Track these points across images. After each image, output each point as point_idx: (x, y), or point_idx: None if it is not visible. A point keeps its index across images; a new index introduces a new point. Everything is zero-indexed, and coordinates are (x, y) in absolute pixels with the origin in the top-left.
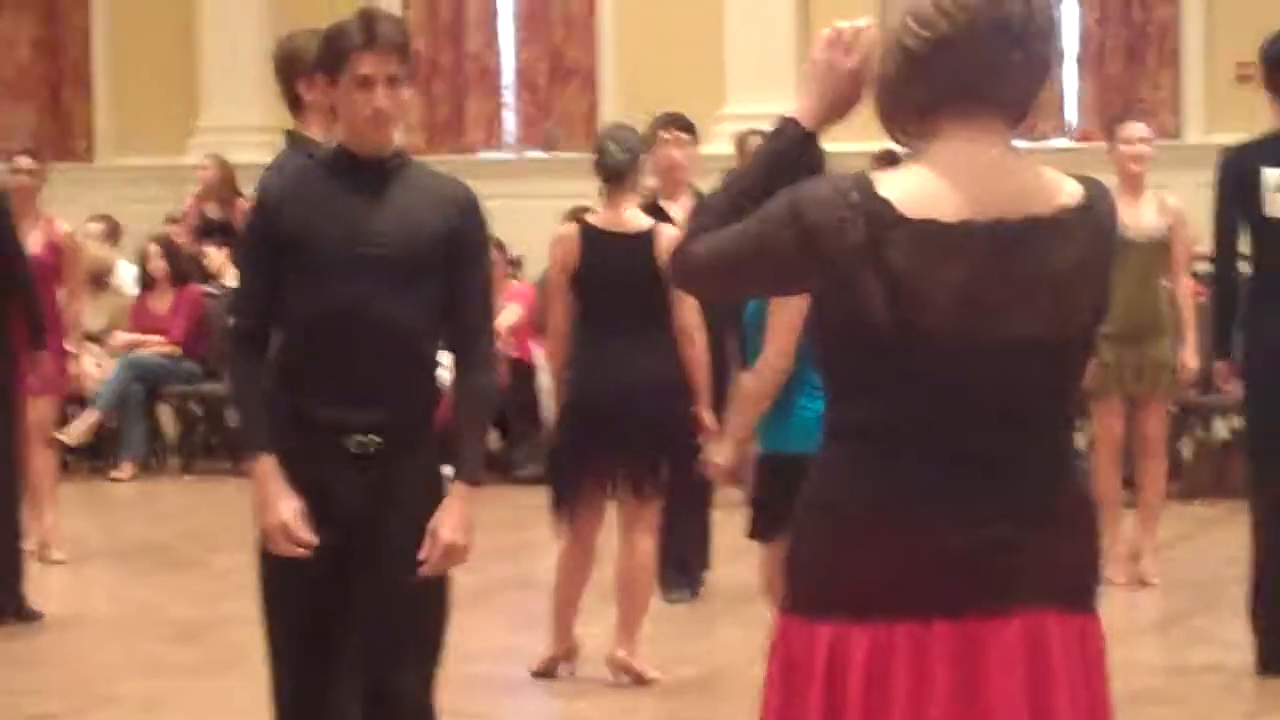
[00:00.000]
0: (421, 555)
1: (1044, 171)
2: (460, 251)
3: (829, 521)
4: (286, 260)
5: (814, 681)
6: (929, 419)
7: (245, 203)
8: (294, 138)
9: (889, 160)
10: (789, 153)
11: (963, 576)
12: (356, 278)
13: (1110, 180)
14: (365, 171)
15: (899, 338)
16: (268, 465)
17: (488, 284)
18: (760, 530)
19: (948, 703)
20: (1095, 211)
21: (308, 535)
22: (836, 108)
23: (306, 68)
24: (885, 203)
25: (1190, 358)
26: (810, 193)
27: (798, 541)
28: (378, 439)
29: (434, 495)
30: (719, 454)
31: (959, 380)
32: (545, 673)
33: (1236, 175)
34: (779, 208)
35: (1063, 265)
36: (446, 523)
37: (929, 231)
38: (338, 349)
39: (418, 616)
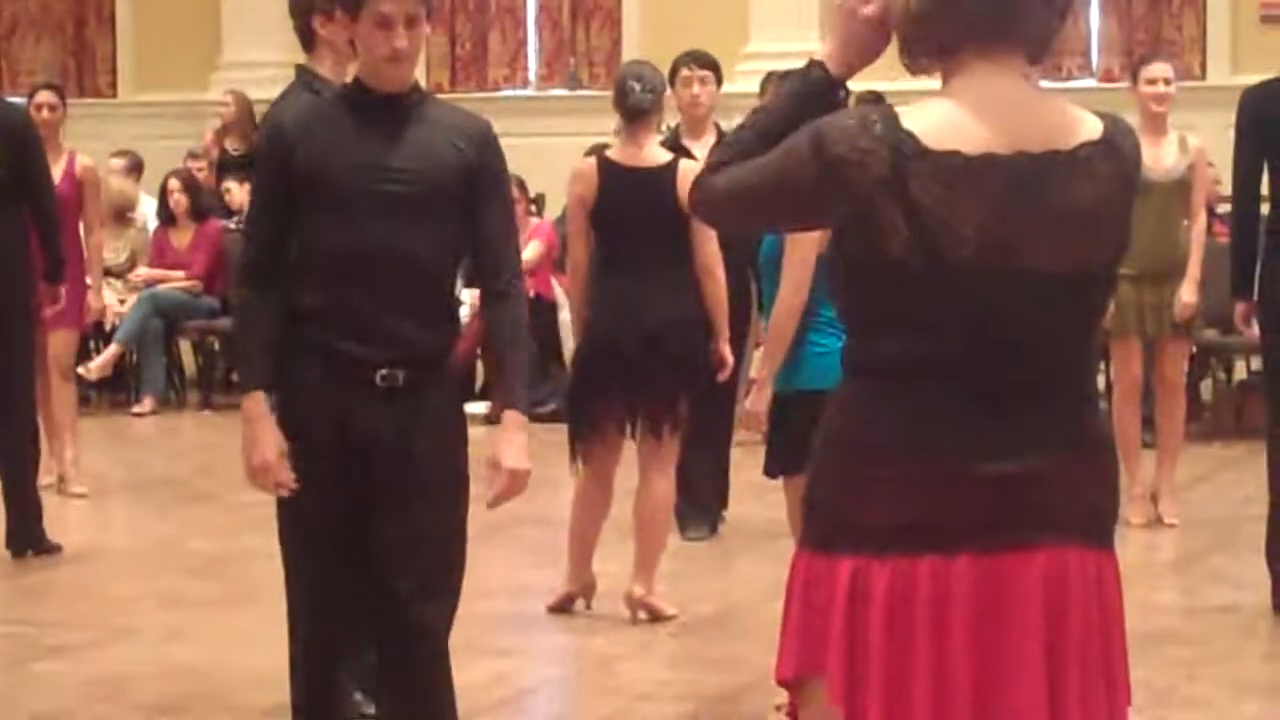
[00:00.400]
0: (494, 491)
1: (1067, 107)
2: (480, 184)
3: (850, 457)
4: (304, 196)
5: (834, 617)
6: (951, 353)
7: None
8: (303, 73)
9: (874, 102)
10: (813, 95)
11: (986, 510)
12: (376, 214)
13: (1133, 120)
14: (383, 108)
15: (921, 270)
16: (258, 403)
17: (510, 216)
18: (777, 467)
19: (967, 637)
20: (1117, 147)
21: (289, 476)
22: (861, 55)
23: (321, 4)
24: (909, 134)
25: (1189, 293)
26: (833, 125)
27: (817, 478)
28: (401, 373)
29: (457, 428)
30: (757, 401)
31: (981, 314)
32: (561, 608)
33: (1257, 115)
34: (801, 141)
35: (1084, 200)
36: (506, 452)
37: (952, 164)
38: (359, 285)
39: (441, 551)
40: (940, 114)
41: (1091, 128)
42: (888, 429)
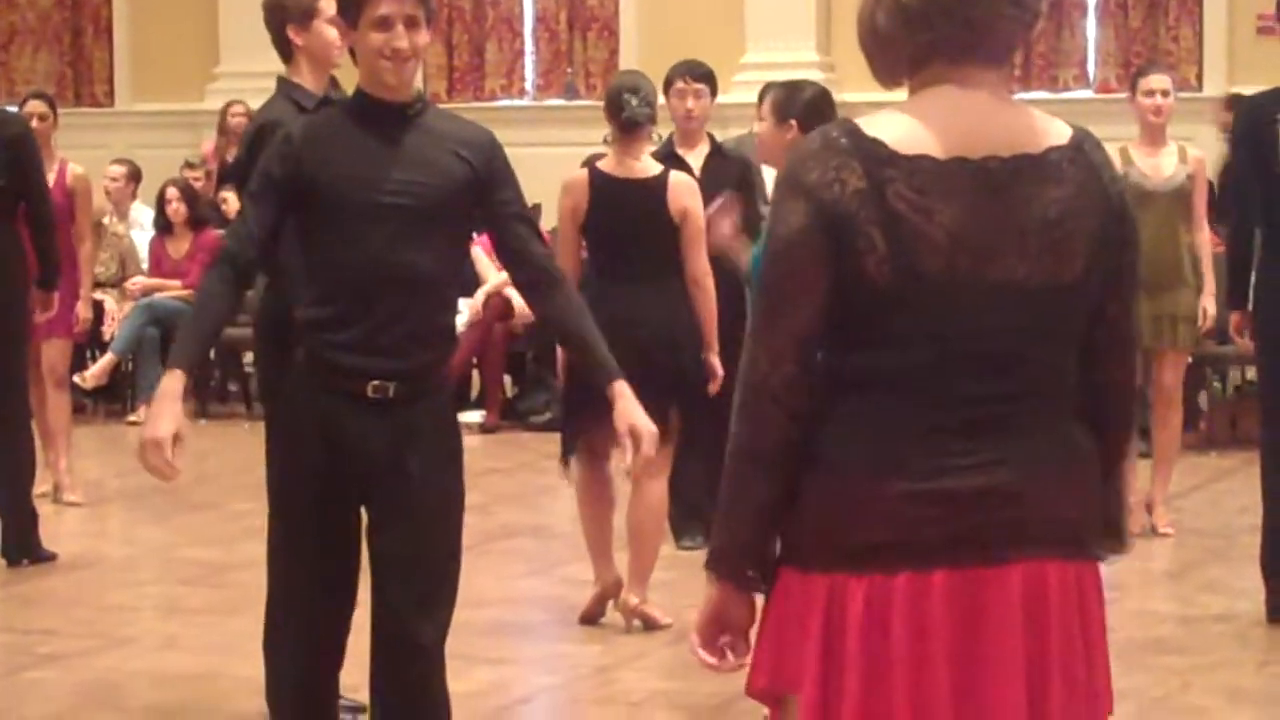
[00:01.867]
0: (639, 449)
1: (1035, 113)
2: (493, 189)
3: (824, 473)
4: (306, 207)
5: (810, 633)
6: (925, 366)
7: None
8: (283, 84)
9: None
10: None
11: (960, 526)
12: (379, 226)
13: (1131, 131)
14: (386, 118)
15: (895, 285)
16: (175, 380)
17: (526, 209)
18: None
19: (946, 653)
20: (1086, 154)
21: (174, 462)
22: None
23: (295, 13)
24: (876, 140)
25: (1210, 304)
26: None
27: (794, 493)
28: (393, 385)
29: (451, 440)
30: None
31: (953, 327)
32: (594, 613)
33: (1252, 126)
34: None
35: (1055, 205)
36: (634, 414)
37: (923, 168)
38: (359, 297)
39: (436, 565)
40: (905, 121)
41: (1059, 133)
42: (860, 445)
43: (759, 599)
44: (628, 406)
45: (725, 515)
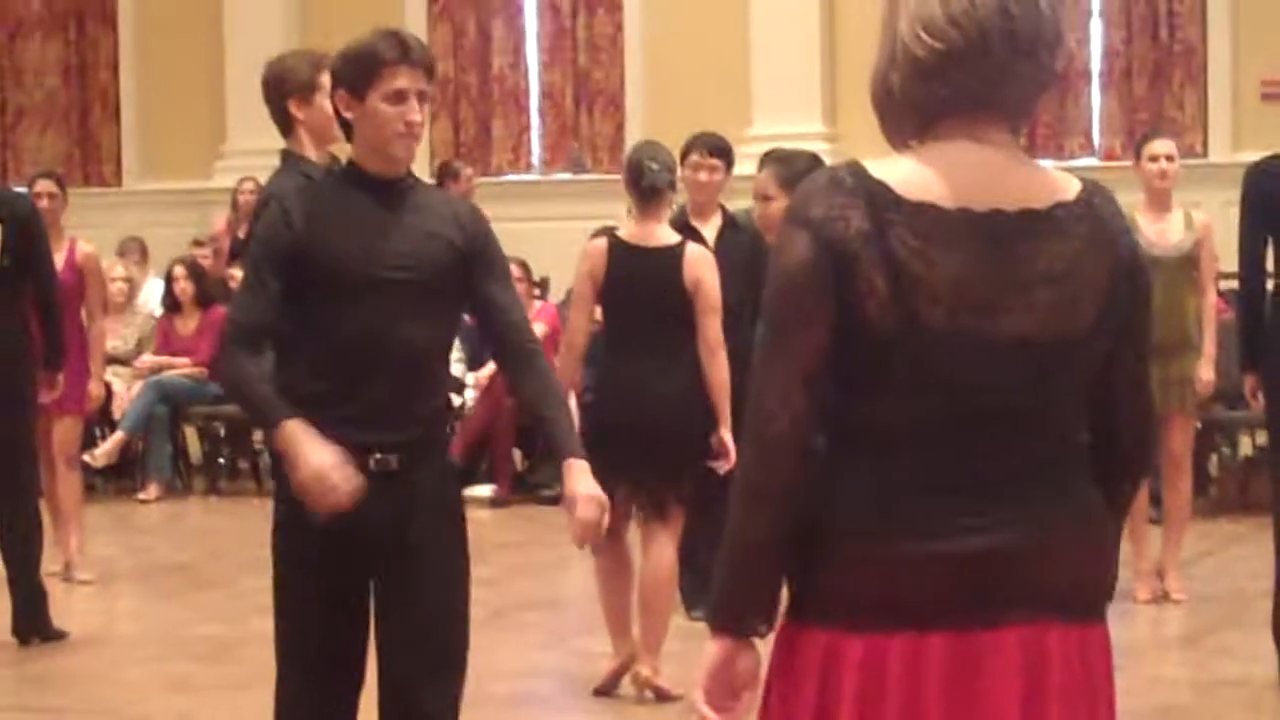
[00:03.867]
0: (579, 516)
1: (1044, 170)
2: (480, 264)
3: (823, 528)
4: (303, 283)
5: (807, 690)
6: (925, 420)
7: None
8: (289, 156)
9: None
10: None
11: (959, 587)
12: (377, 300)
13: (1137, 198)
14: (381, 192)
15: (896, 333)
16: (294, 426)
17: (512, 284)
18: None
19: (940, 716)
20: (1095, 209)
21: (347, 482)
22: None
23: (295, 87)
24: (882, 184)
25: (1206, 371)
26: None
27: (798, 547)
28: (395, 457)
29: (454, 510)
30: None
31: (955, 381)
32: (610, 685)
33: (1263, 190)
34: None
35: (1060, 260)
36: (579, 483)
37: (928, 216)
38: (357, 371)
39: (443, 636)
40: (913, 168)
41: (1069, 188)
42: (858, 501)
43: (763, 648)
44: (575, 475)
45: (728, 558)
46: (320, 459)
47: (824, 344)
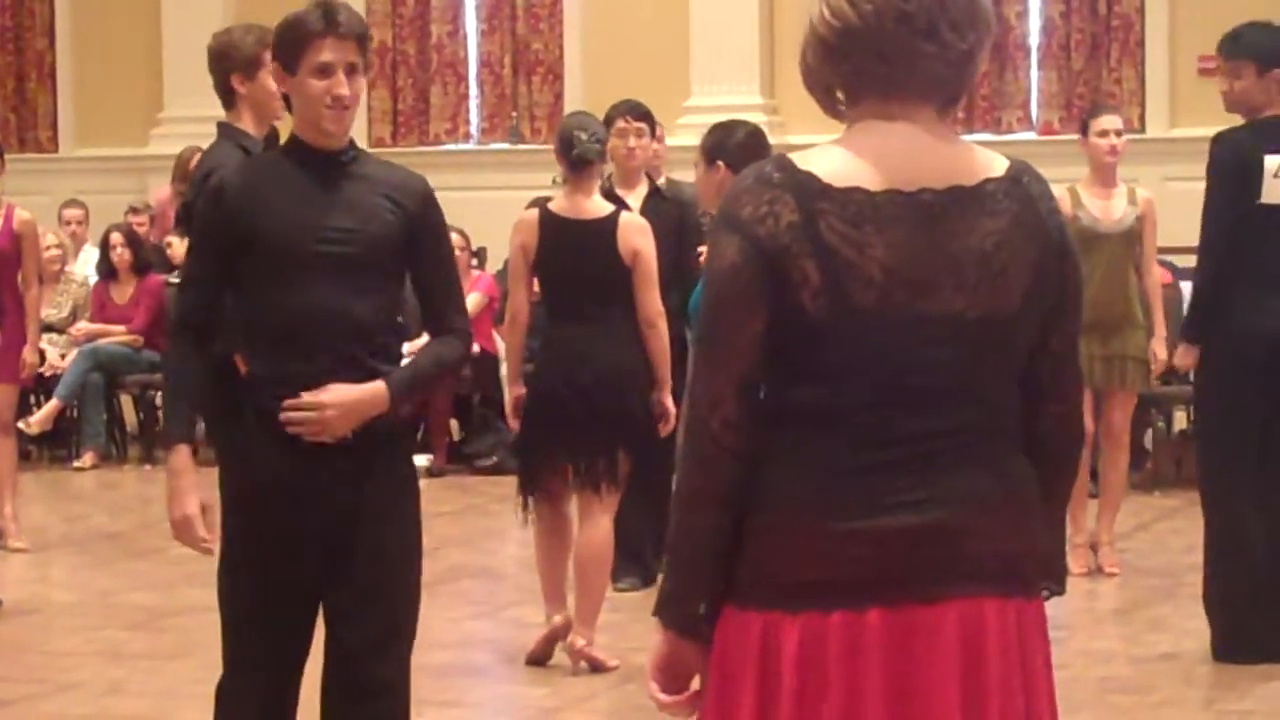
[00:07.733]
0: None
1: (970, 147)
2: (422, 240)
3: (760, 510)
4: (244, 258)
5: (747, 671)
6: (862, 402)
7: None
8: (226, 129)
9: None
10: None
11: (895, 564)
12: (316, 275)
13: (1081, 173)
14: (322, 166)
15: (829, 319)
16: (182, 457)
17: (454, 270)
18: None
19: (880, 692)
20: (1023, 186)
21: (206, 534)
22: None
23: (239, 62)
24: (809, 174)
25: (1161, 349)
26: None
27: (737, 530)
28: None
29: (408, 484)
30: None
31: (888, 361)
32: (541, 654)
33: (1235, 160)
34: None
35: (989, 237)
36: (333, 390)
37: (856, 200)
38: (302, 346)
39: (394, 605)
40: (838, 154)
41: (996, 166)
42: (797, 483)
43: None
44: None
45: (672, 559)
46: (187, 509)
47: (755, 349)
